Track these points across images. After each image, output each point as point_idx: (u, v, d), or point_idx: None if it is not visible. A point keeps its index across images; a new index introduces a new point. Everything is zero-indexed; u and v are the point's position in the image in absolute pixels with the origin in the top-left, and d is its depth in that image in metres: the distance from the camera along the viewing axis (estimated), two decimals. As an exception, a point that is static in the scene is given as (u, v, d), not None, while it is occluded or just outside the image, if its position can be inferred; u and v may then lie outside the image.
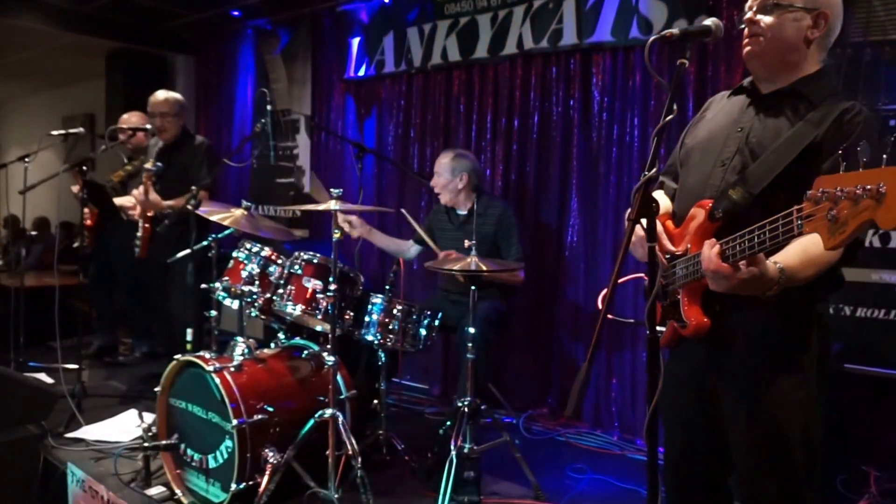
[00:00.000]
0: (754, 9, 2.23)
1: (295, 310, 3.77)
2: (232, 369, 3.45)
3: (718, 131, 2.36)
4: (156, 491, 3.59)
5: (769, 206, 1.99)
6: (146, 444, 3.61)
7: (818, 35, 2.20)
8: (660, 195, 2.55)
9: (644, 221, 1.94)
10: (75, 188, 5.11)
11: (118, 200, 5.54)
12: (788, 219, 1.73)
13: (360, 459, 3.38)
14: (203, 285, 3.98)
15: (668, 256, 2.28)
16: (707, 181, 2.28)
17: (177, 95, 5.34)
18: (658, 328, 2.26)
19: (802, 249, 1.96)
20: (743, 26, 2.24)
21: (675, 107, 1.96)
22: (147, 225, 4.93)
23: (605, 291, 2.65)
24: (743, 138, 2.25)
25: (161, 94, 5.28)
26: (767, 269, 1.91)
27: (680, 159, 2.52)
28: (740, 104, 2.36)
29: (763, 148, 2.17)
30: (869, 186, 1.47)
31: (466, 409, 3.63)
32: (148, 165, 4.75)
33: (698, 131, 2.49)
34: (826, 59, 2.31)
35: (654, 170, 1.90)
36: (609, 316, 2.51)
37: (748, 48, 2.24)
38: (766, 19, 2.19)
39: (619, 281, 2.70)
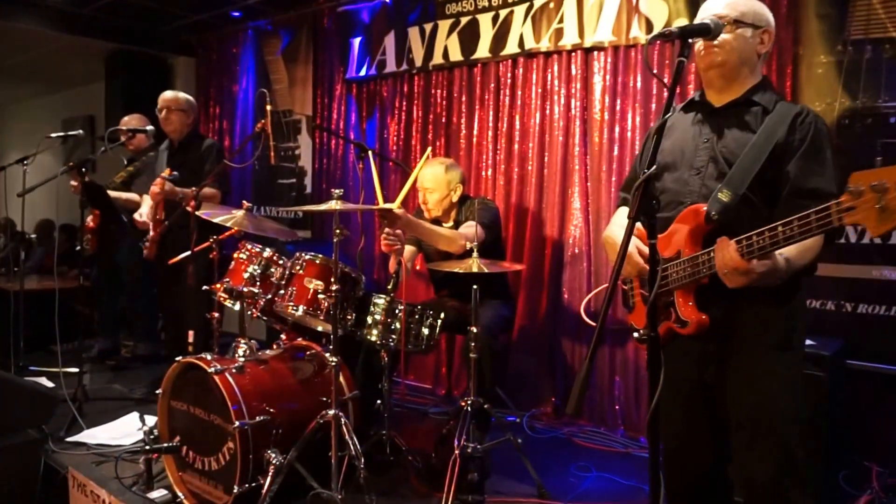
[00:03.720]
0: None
1: (296, 311, 3.76)
2: (234, 371, 3.43)
3: (683, 144, 2.55)
4: (158, 494, 3.58)
5: (748, 203, 2.31)
6: (148, 447, 3.61)
7: (764, 50, 2.48)
8: (624, 211, 2.77)
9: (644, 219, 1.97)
10: (74, 182, 5.06)
11: (119, 194, 5.54)
12: (825, 213, 1.87)
13: (363, 460, 3.37)
14: (204, 287, 3.98)
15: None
16: (685, 188, 2.48)
17: (187, 95, 5.35)
18: (642, 332, 2.35)
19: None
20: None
21: (674, 105, 1.99)
22: (156, 227, 4.91)
23: (586, 299, 2.85)
24: (711, 147, 2.45)
25: (171, 91, 5.33)
26: (778, 262, 2.13)
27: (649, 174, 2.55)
28: (696, 118, 2.57)
29: (733, 153, 2.38)
30: None
31: (469, 409, 3.63)
32: (165, 174, 4.73)
33: (663, 147, 2.57)
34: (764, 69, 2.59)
35: (654, 167, 1.93)
36: (585, 318, 2.69)
37: (708, 58, 2.45)
38: (724, 35, 2.38)
39: (598, 289, 2.85)
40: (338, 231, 3.43)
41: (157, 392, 3.67)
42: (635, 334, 2.55)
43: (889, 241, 3.79)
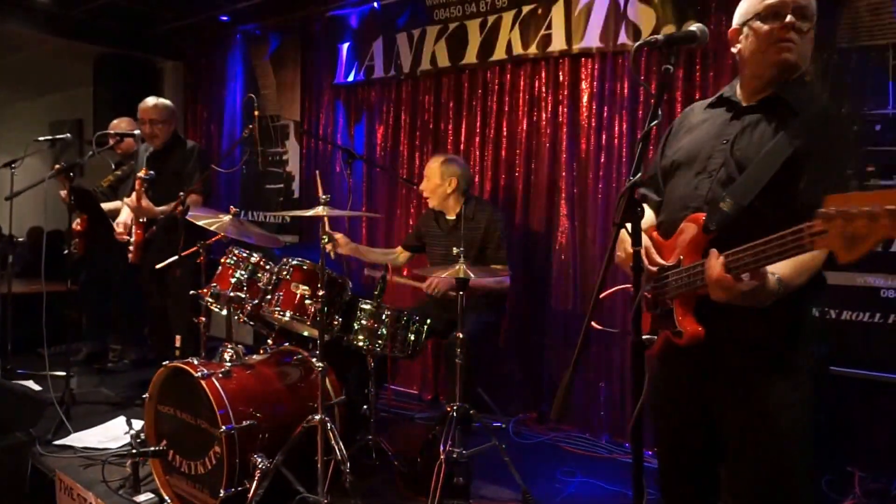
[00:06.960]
0: (792, 15, 2.19)
1: (283, 315, 3.77)
2: (220, 375, 3.44)
3: (702, 143, 2.35)
4: (144, 498, 3.59)
5: (759, 216, 2.06)
6: (135, 451, 3.60)
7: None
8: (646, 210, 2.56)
9: (629, 226, 1.94)
10: (63, 193, 5.08)
11: (107, 205, 5.53)
12: (798, 235, 1.73)
13: (349, 465, 3.38)
14: (192, 291, 3.98)
15: (656, 268, 2.29)
16: (694, 192, 2.29)
17: (166, 102, 5.31)
18: (648, 337, 2.28)
19: (793, 258, 1.94)
20: (769, 27, 2.22)
21: (660, 112, 1.97)
22: (139, 231, 4.91)
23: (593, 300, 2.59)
24: (728, 150, 2.25)
25: (151, 101, 5.23)
26: (768, 282, 1.95)
27: (663, 171, 2.50)
28: (723, 116, 2.37)
29: (748, 160, 2.17)
30: (889, 206, 1.52)
31: (455, 414, 3.64)
32: (141, 174, 4.72)
33: (681, 143, 2.47)
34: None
35: (640, 174, 1.90)
36: (596, 326, 2.46)
37: (788, 55, 2.21)
38: (804, 26, 2.20)
39: (607, 293, 2.68)
40: (325, 238, 3.45)
41: (144, 396, 3.67)
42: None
43: (875, 249, 3.81)
